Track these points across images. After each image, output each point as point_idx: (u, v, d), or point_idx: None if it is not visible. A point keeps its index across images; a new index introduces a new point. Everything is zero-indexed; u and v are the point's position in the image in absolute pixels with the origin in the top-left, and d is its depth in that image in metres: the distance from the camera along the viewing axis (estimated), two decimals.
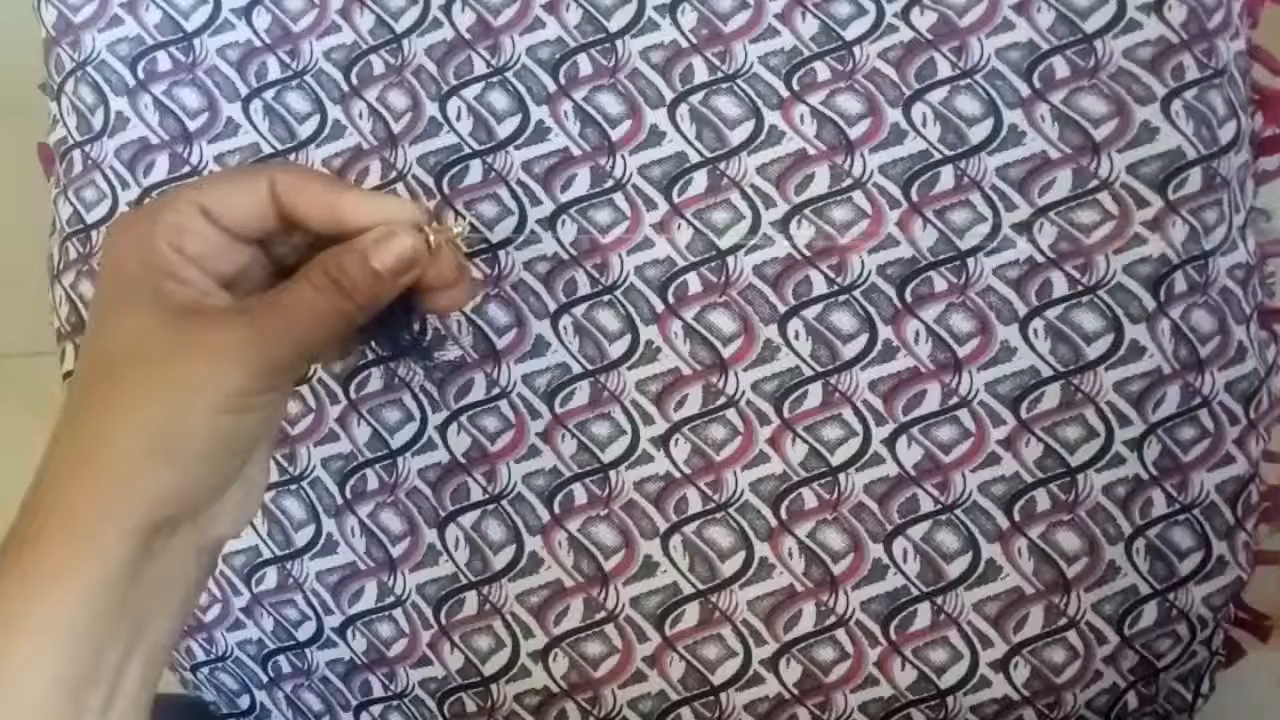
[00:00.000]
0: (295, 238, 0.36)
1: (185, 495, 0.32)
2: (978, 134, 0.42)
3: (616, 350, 0.43)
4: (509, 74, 0.44)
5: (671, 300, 0.43)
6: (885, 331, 0.42)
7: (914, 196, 0.42)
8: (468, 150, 0.44)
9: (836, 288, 0.42)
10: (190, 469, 0.32)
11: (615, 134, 0.43)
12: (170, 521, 0.32)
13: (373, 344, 0.42)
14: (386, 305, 0.35)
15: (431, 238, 0.35)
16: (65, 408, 0.33)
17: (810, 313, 0.42)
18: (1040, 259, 0.41)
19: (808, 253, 0.42)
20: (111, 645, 0.32)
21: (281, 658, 0.46)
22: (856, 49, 0.42)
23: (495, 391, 0.44)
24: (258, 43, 0.46)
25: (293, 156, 0.46)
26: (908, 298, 0.42)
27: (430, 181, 0.44)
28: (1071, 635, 0.41)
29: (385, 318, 0.36)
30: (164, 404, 0.31)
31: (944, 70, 0.42)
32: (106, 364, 0.33)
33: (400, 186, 0.44)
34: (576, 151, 0.44)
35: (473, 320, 0.44)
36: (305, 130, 0.46)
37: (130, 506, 0.31)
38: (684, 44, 0.43)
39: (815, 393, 0.42)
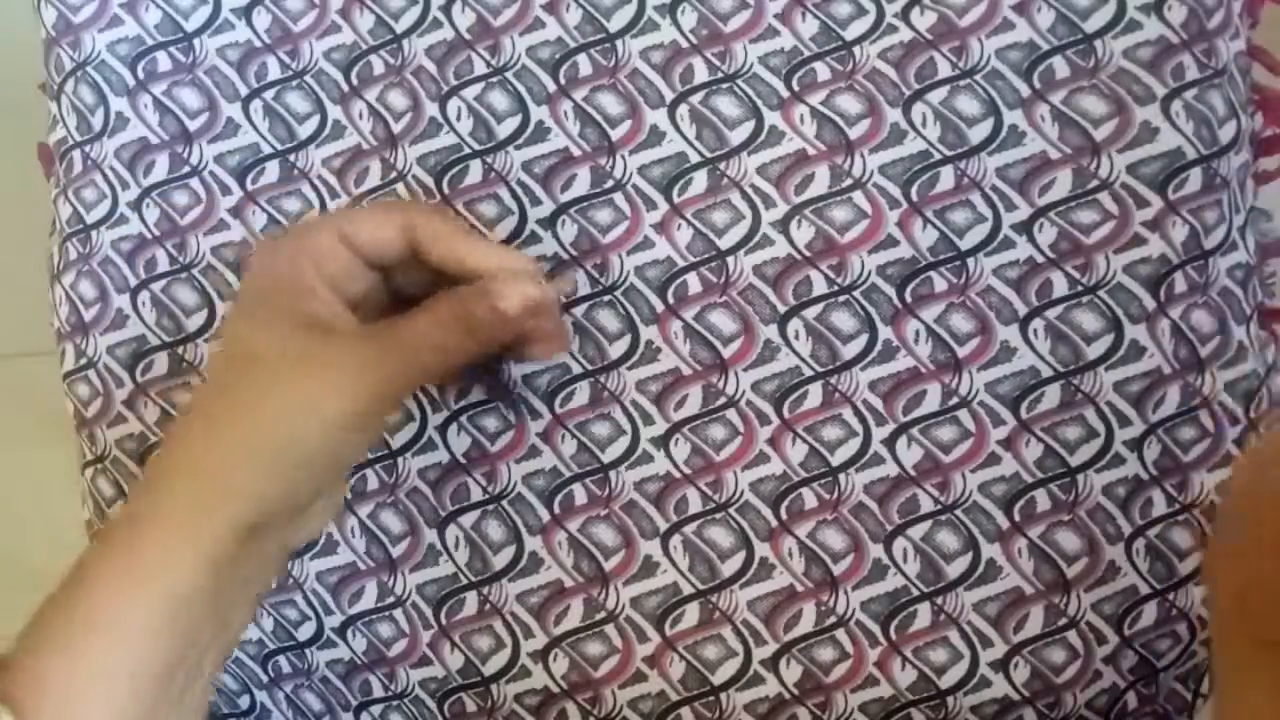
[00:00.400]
0: (415, 273, 0.38)
1: (283, 502, 0.35)
2: (978, 134, 0.42)
3: (617, 350, 0.43)
4: (509, 74, 0.44)
5: (671, 300, 0.43)
6: (885, 332, 0.42)
7: (914, 196, 0.42)
8: (468, 150, 0.44)
9: (836, 288, 0.42)
10: (293, 478, 0.34)
11: (615, 134, 0.43)
12: (264, 526, 0.34)
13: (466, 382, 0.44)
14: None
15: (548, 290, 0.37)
16: (190, 406, 0.36)
17: (810, 313, 0.42)
18: (1040, 259, 0.41)
19: (808, 253, 0.42)
20: (196, 641, 0.34)
21: (281, 658, 0.46)
22: (856, 49, 0.42)
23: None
24: (258, 43, 0.46)
25: (292, 156, 0.46)
26: (908, 298, 0.42)
27: (430, 182, 0.44)
28: (1071, 635, 0.41)
29: (482, 361, 0.39)
30: (284, 415, 0.34)
31: (944, 70, 0.42)
32: (235, 370, 0.35)
33: (400, 186, 0.44)
34: (576, 152, 0.44)
35: None
36: (305, 130, 0.46)
37: (232, 507, 0.33)
38: (684, 44, 0.43)
39: (815, 393, 0.42)
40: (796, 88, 0.43)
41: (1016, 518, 0.41)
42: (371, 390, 0.34)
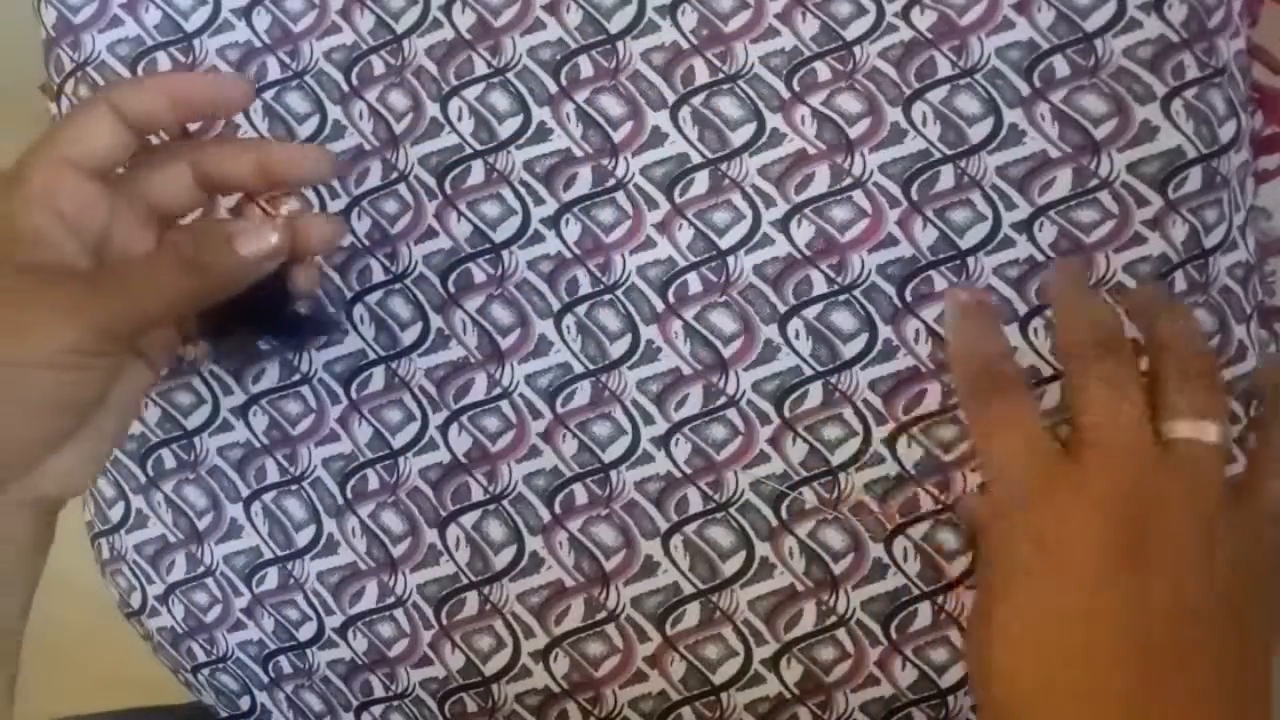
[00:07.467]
0: (168, 177, 0.37)
1: (3, 448, 0.33)
2: (978, 133, 0.42)
3: (618, 350, 0.43)
4: (510, 75, 0.44)
5: (672, 300, 0.43)
6: (885, 331, 0.42)
7: (914, 196, 0.42)
8: (469, 150, 0.44)
9: (836, 287, 0.42)
10: (8, 421, 0.32)
11: (617, 136, 0.43)
12: None
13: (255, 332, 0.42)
14: (262, 290, 0.36)
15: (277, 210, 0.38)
16: None
17: (810, 312, 0.42)
18: (1040, 258, 0.41)
19: (808, 252, 0.42)
20: None
21: (282, 658, 0.46)
22: (857, 49, 0.43)
23: (497, 391, 0.44)
24: (257, 43, 0.46)
25: None
26: (908, 297, 0.42)
27: (432, 182, 0.44)
28: None
29: (265, 301, 0.37)
30: None
31: (944, 69, 0.42)
32: None
33: (402, 187, 0.44)
34: (579, 153, 0.44)
35: (478, 321, 0.44)
36: (305, 131, 0.46)
37: None
38: (684, 45, 0.43)
39: (815, 392, 0.42)
40: (797, 88, 0.43)
41: None
42: (84, 327, 0.32)
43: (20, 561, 0.35)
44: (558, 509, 0.44)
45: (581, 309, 0.43)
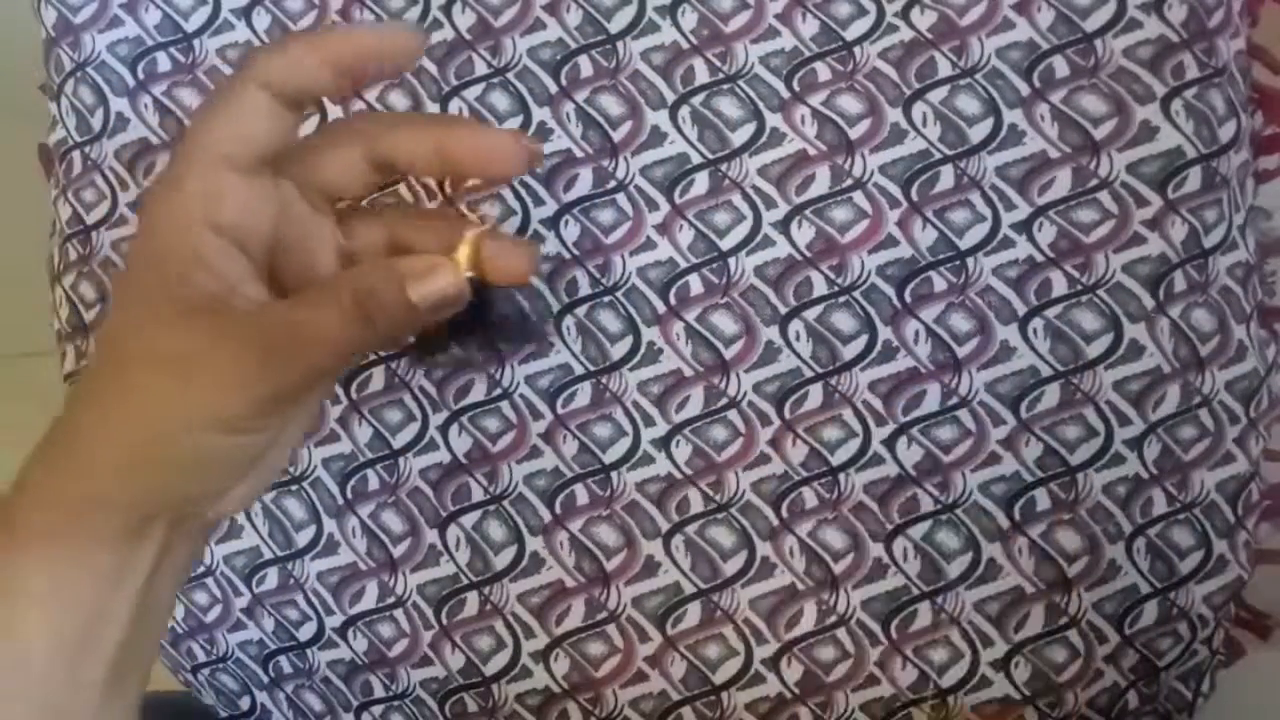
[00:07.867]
0: (339, 162, 0.34)
1: (174, 498, 0.32)
2: (978, 133, 0.42)
3: (618, 351, 0.43)
4: (510, 75, 0.44)
5: (673, 302, 0.43)
6: (885, 332, 0.42)
7: (914, 196, 0.42)
8: None
9: (837, 288, 0.42)
10: (179, 478, 0.31)
11: (617, 135, 0.43)
12: (160, 516, 0.32)
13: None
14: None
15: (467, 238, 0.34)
16: (73, 391, 0.33)
17: (811, 314, 0.42)
18: (1040, 258, 0.41)
19: (808, 254, 0.42)
20: (107, 620, 0.32)
21: (282, 658, 0.46)
22: (857, 49, 0.43)
23: (497, 392, 0.44)
24: (257, 44, 0.46)
25: None
26: (907, 298, 0.42)
27: (433, 182, 0.44)
28: (1072, 634, 0.41)
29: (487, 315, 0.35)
30: (156, 415, 0.30)
31: (944, 70, 0.42)
32: (114, 359, 0.32)
33: (402, 188, 0.44)
34: (579, 153, 0.44)
35: None
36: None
37: (117, 501, 0.31)
38: (684, 45, 0.43)
39: (816, 394, 0.42)
40: (797, 88, 0.43)
41: (1017, 517, 0.41)
42: (252, 398, 0.30)
43: (181, 581, 0.35)
44: (558, 509, 0.44)
45: (581, 310, 0.43)
